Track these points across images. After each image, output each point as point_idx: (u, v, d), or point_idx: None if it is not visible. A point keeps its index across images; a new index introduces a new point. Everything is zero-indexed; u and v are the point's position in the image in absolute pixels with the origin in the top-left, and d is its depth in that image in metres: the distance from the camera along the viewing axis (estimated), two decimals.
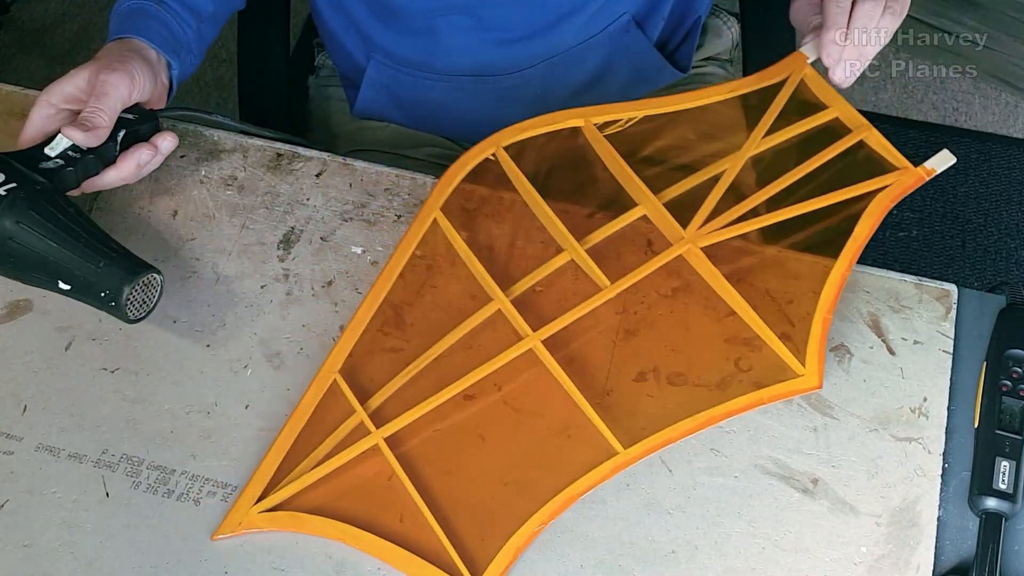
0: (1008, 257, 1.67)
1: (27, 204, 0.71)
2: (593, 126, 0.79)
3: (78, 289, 0.72)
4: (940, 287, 0.77)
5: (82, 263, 0.71)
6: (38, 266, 0.71)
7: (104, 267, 0.71)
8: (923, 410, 0.72)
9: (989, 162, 1.76)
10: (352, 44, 0.98)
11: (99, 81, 0.75)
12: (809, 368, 0.71)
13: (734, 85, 0.80)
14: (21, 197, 0.72)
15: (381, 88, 0.98)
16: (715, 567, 0.67)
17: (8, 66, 1.97)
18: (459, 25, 0.91)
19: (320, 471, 0.69)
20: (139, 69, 0.77)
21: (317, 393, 0.72)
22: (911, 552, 0.67)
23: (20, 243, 0.71)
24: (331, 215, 0.81)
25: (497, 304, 0.74)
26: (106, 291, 0.71)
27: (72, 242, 0.72)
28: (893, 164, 0.76)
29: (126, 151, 0.78)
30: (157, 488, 0.70)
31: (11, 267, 0.72)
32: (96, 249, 0.72)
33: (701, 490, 0.69)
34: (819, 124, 0.78)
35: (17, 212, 0.71)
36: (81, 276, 0.71)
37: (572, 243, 0.75)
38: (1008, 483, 0.68)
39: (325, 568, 0.67)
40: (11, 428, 0.73)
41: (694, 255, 0.74)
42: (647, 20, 0.96)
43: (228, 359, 0.75)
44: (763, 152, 0.78)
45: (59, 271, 0.72)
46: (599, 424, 0.69)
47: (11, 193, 0.71)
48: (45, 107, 0.76)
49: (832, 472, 0.70)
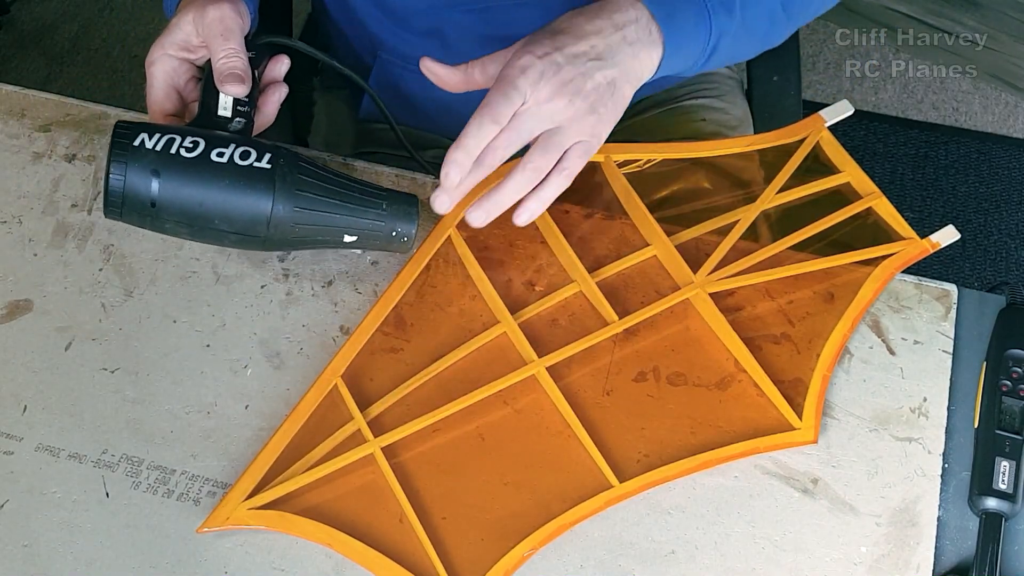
0: (1008, 257, 1.67)
1: (296, 169, 0.70)
2: (613, 163, 0.79)
3: (365, 236, 0.72)
4: (940, 287, 0.77)
5: (366, 210, 0.72)
6: (324, 227, 0.71)
7: (388, 207, 0.72)
8: (923, 410, 0.72)
9: (989, 162, 1.76)
10: (358, 43, 0.98)
11: (211, 20, 0.72)
12: (806, 423, 0.71)
13: (753, 139, 0.82)
14: (284, 165, 0.70)
15: (386, 87, 0.98)
16: (715, 567, 0.67)
17: (8, 66, 1.97)
18: (465, 24, 0.91)
19: (314, 474, 0.69)
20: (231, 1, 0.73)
21: (317, 396, 0.72)
22: (911, 552, 0.67)
23: (305, 209, 0.70)
24: None
25: (504, 327, 0.74)
26: (397, 229, 0.72)
27: (349, 193, 0.71)
28: (900, 234, 0.77)
29: (263, 95, 0.76)
30: (157, 488, 0.70)
31: (295, 238, 0.71)
32: (370, 193, 0.72)
33: (701, 490, 0.69)
34: (831, 187, 0.80)
35: (292, 180, 0.69)
36: (368, 222, 0.72)
37: (583, 274, 0.75)
38: (1008, 483, 0.68)
39: (325, 568, 0.67)
40: (11, 428, 0.73)
41: (701, 300, 0.74)
42: None
43: (228, 359, 0.75)
44: (775, 207, 0.79)
45: (347, 225, 0.71)
46: (596, 456, 0.69)
47: (274, 164, 0.69)
48: (165, 61, 0.73)
49: (832, 472, 0.70)
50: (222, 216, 0.69)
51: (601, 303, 0.74)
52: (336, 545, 0.67)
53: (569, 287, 0.76)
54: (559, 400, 0.71)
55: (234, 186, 0.69)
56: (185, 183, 0.68)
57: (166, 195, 0.68)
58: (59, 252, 0.80)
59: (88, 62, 1.97)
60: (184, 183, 0.68)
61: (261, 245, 0.73)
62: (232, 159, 0.69)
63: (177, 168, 0.68)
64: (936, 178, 1.74)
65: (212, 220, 0.69)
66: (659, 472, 0.69)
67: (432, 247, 0.77)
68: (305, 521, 0.68)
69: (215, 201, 0.69)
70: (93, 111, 0.87)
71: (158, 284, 0.78)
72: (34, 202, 0.82)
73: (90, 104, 0.88)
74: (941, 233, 0.77)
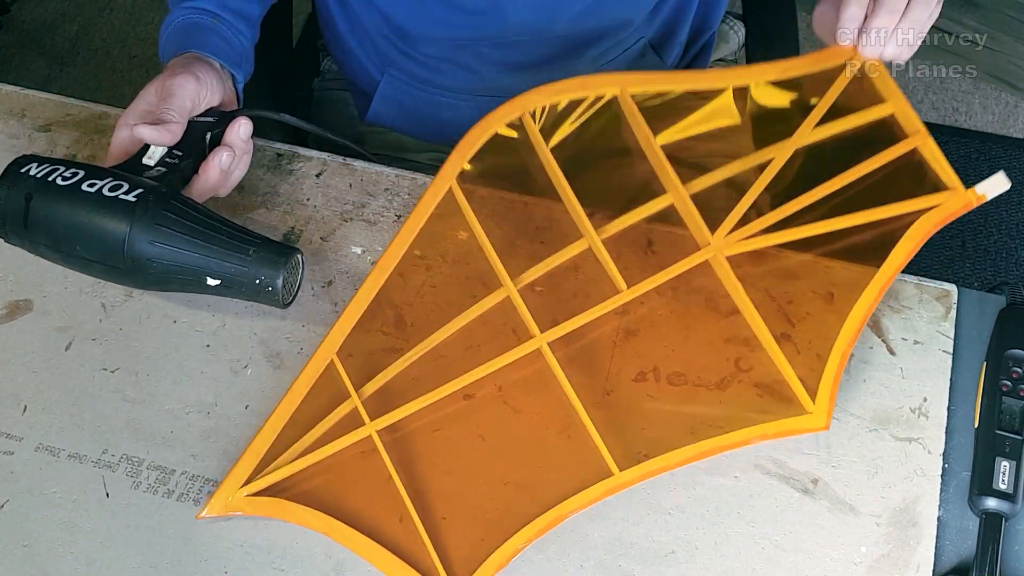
0: (1008, 257, 1.67)
1: (161, 205, 0.70)
2: (629, 96, 0.71)
3: (229, 282, 0.71)
4: (940, 287, 0.77)
5: (230, 253, 0.71)
6: (182, 267, 0.71)
7: (255, 254, 0.71)
8: (923, 410, 0.72)
9: (989, 162, 1.76)
10: (367, 58, 0.98)
11: (164, 87, 0.76)
12: (819, 407, 0.68)
13: (787, 65, 0.72)
14: (150, 200, 0.70)
15: (393, 102, 0.99)
16: (715, 567, 0.67)
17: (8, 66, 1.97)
18: (478, 52, 0.91)
19: (310, 459, 0.69)
20: (203, 72, 0.77)
21: (313, 374, 0.71)
22: (911, 552, 0.67)
23: (162, 244, 0.70)
24: (331, 215, 0.81)
25: (505, 292, 0.71)
26: (261, 277, 0.71)
27: (214, 235, 0.71)
28: (944, 182, 0.68)
29: (206, 159, 0.77)
30: (157, 488, 0.70)
31: (153, 274, 0.71)
32: (240, 239, 0.72)
33: (701, 490, 0.69)
34: (873, 119, 0.71)
35: (153, 214, 0.70)
36: (231, 267, 0.71)
37: (591, 233, 0.71)
38: (1008, 483, 0.68)
39: (325, 568, 0.67)
40: (11, 428, 0.73)
41: (719, 264, 0.70)
42: (664, 44, 0.96)
43: (228, 359, 0.75)
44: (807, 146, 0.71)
45: (207, 267, 0.71)
46: (597, 442, 0.68)
47: (140, 198, 0.70)
48: (123, 129, 0.76)
49: (832, 472, 0.70)
50: (84, 242, 0.71)
51: (609, 267, 0.70)
52: (334, 534, 0.67)
53: (576, 244, 0.71)
54: (562, 378, 0.69)
55: (94, 214, 0.70)
56: (52, 208, 0.71)
57: (35, 218, 0.71)
58: None
59: (88, 62, 1.97)
60: (51, 208, 0.71)
61: (125, 278, 0.73)
62: (100, 190, 0.71)
63: (49, 194, 0.71)
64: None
65: (75, 246, 0.71)
66: (661, 460, 0.68)
67: (431, 202, 0.72)
68: (303, 509, 0.67)
69: (77, 227, 0.70)
70: (93, 111, 0.87)
71: None
72: None
73: (90, 104, 0.88)
74: (988, 183, 0.67)
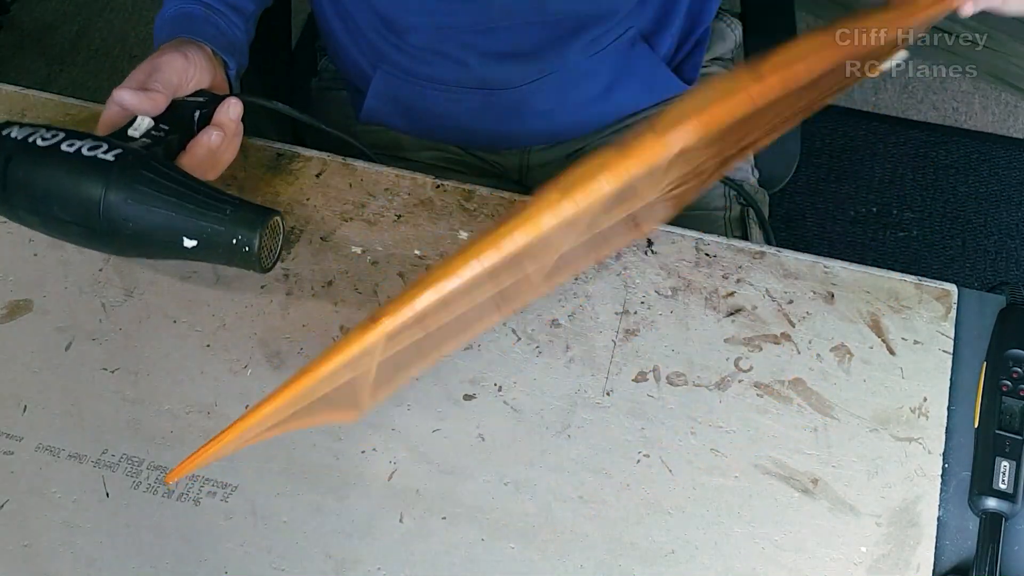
0: (1008, 257, 1.67)
1: (139, 165, 0.69)
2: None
3: (206, 243, 0.70)
4: (940, 287, 0.77)
5: (207, 213, 0.69)
6: (160, 227, 0.69)
7: (232, 213, 0.69)
8: (923, 410, 0.72)
9: (989, 162, 1.76)
10: (359, 54, 0.99)
11: (152, 63, 0.77)
12: None
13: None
14: (128, 160, 0.69)
15: (387, 98, 0.99)
16: (715, 567, 0.67)
17: (8, 66, 1.97)
18: (466, 41, 0.91)
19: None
20: (192, 52, 0.78)
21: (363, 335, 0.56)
22: (911, 552, 0.67)
23: (138, 204, 0.69)
24: (331, 215, 0.81)
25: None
26: (238, 237, 0.69)
27: (191, 194, 0.70)
28: None
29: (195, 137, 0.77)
30: (157, 488, 0.70)
31: (130, 236, 0.70)
32: (217, 198, 0.70)
33: (701, 490, 0.70)
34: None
35: (131, 174, 0.69)
36: (208, 227, 0.69)
37: None
38: (1008, 483, 0.68)
39: (325, 568, 0.67)
40: (11, 428, 0.73)
41: None
42: (655, 36, 0.96)
43: (228, 359, 0.75)
44: None
45: (184, 227, 0.69)
46: None
47: (119, 158, 0.70)
48: (112, 105, 0.77)
49: (832, 472, 0.70)
50: (61, 203, 0.70)
51: None
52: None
53: None
54: None
55: (72, 172, 0.69)
56: (31, 168, 0.70)
57: (14, 179, 0.70)
58: (59, 252, 0.80)
59: (88, 62, 1.97)
60: (30, 168, 0.70)
61: (104, 242, 0.71)
62: (80, 150, 0.70)
63: (28, 155, 0.70)
64: (936, 178, 1.74)
65: (52, 206, 0.70)
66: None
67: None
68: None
69: (54, 186, 0.69)
70: (93, 111, 0.87)
71: (158, 284, 0.78)
72: None
73: (90, 104, 0.88)
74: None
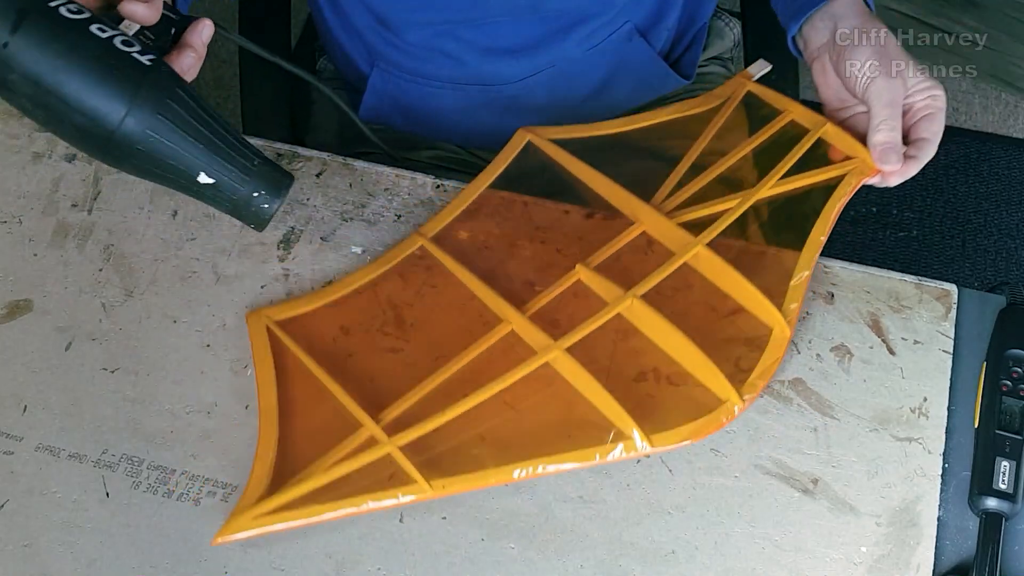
0: (1008, 257, 1.67)
1: (174, 82, 0.62)
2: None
3: (221, 187, 0.63)
4: (940, 287, 0.77)
5: (235, 157, 0.63)
6: (183, 152, 0.62)
7: (259, 166, 0.63)
8: (923, 410, 0.72)
9: (989, 162, 1.76)
10: (356, 52, 0.98)
11: None
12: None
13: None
14: (164, 70, 0.61)
15: (385, 95, 0.99)
16: (715, 567, 0.67)
17: None
18: (461, 37, 0.91)
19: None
20: None
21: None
22: (911, 552, 0.67)
23: (168, 119, 0.61)
24: (331, 215, 0.81)
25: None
26: (260, 192, 0.63)
27: (223, 132, 0.63)
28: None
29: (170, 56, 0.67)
30: (157, 488, 0.70)
31: (148, 152, 0.61)
32: (245, 143, 0.64)
33: (701, 490, 0.69)
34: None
35: (167, 85, 0.61)
36: (232, 172, 0.63)
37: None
38: (1008, 483, 0.68)
39: (325, 568, 0.67)
40: (11, 428, 0.73)
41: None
42: (652, 30, 0.96)
43: (228, 359, 0.75)
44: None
45: (207, 164, 0.62)
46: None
47: (155, 63, 0.61)
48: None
49: (832, 472, 0.70)
50: (76, 92, 0.59)
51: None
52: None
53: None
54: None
55: (100, 63, 0.60)
56: (50, 38, 0.59)
57: (22, 42, 0.59)
58: (59, 252, 0.80)
59: None
60: (49, 37, 0.59)
61: (103, 149, 0.62)
62: (111, 39, 0.61)
63: (48, 20, 0.60)
64: (936, 178, 1.74)
65: (62, 92, 0.60)
66: None
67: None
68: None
69: (74, 71, 0.59)
70: None
71: (158, 284, 0.78)
72: (34, 202, 0.82)
73: None
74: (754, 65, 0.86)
